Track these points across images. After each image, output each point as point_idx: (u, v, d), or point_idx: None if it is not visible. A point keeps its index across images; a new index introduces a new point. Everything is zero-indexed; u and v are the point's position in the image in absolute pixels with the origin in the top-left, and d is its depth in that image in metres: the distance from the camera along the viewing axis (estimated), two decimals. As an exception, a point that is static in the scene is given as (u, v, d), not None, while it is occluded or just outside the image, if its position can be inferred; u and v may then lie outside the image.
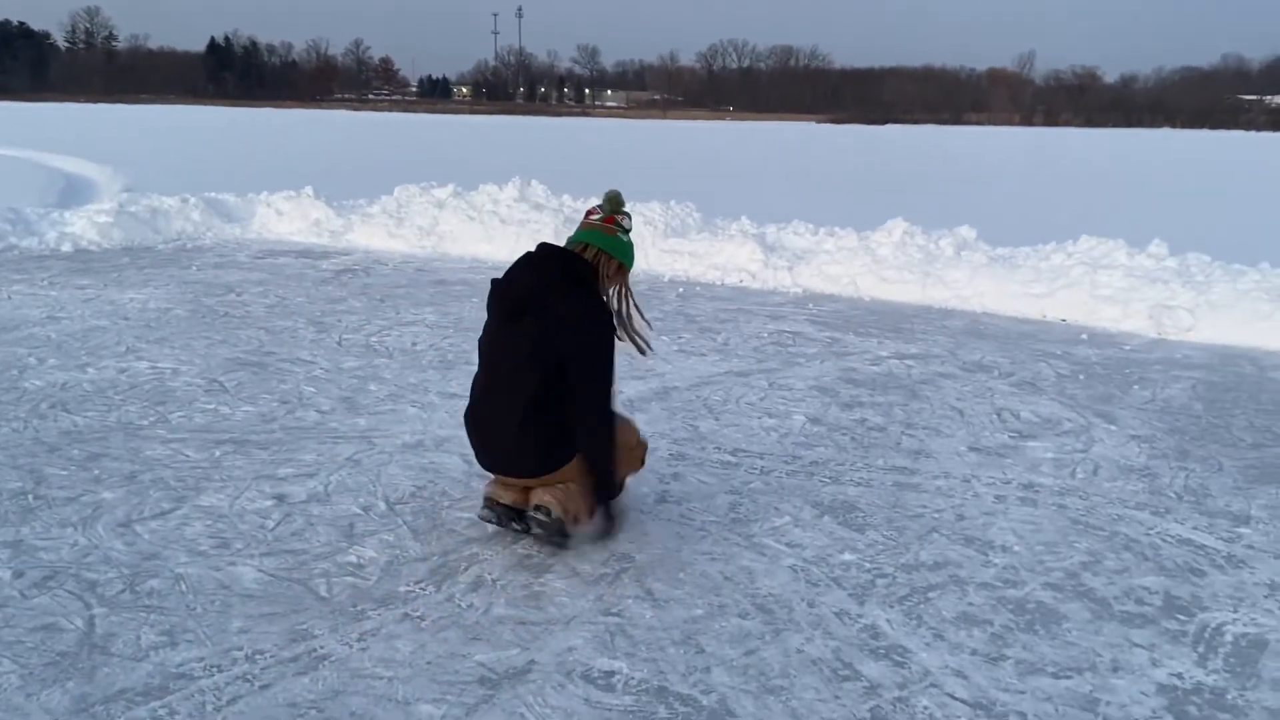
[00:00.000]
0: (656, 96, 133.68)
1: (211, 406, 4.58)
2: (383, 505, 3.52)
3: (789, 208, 11.35)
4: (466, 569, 3.06)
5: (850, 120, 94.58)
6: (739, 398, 4.99)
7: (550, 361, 3.00)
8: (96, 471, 3.73)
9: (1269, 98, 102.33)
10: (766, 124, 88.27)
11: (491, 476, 3.24)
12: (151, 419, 4.37)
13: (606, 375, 3.08)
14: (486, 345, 3.17)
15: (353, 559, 3.10)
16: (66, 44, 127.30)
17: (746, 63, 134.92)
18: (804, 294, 7.90)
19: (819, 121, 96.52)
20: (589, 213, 3.26)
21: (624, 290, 3.27)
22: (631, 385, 5.10)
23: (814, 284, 8.08)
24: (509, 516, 3.19)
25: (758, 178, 23.52)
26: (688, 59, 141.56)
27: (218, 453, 3.99)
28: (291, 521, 3.36)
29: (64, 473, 3.71)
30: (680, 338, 6.28)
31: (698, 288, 8.10)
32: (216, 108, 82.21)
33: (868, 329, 6.66)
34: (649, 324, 3.40)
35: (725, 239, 8.90)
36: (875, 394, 5.13)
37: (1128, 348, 6.27)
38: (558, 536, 3.15)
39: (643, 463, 3.46)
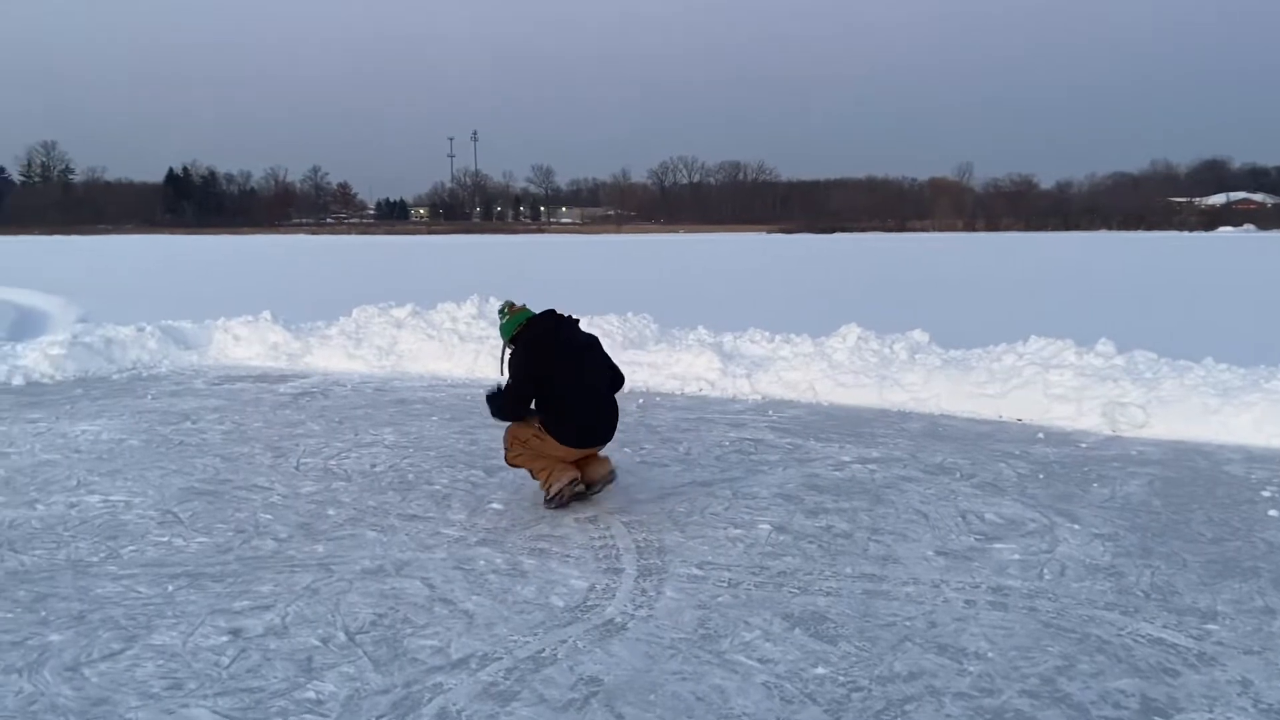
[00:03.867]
0: (610, 212, 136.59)
1: (165, 539, 4.46)
2: (342, 636, 3.42)
3: (744, 316, 11.54)
4: (430, 700, 2.96)
5: (798, 230, 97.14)
6: (703, 508, 4.96)
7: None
8: (43, 613, 3.59)
9: (1198, 200, 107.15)
10: (717, 235, 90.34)
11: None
12: (102, 555, 4.23)
13: None
14: (583, 369, 4.91)
15: (311, 695, 2.99)
16: (22, 178, 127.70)
17: (696, 178, 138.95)
18: (763, 401, 7.96)
19: (768, 232, 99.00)
20: (513, 307, 5.07)
21: None
22: (595, 499, 5.06)
23: (773, 390, 8.16)
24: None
25: (712, 288, 23.95)
26: (639, 176, 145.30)
27: (171, 587, 3.87)
28: (247, 658, 3.24)
29: (9, 615, 3.56)
30: (642, 449, 6.27)
31: (657, 398, 8.13)
32: (174, 236, 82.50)
33: (828, 434, 6.70)
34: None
35: (683, 349, 9.00)
36: (840, 500, 5.13)
37: (1084, 445, 6.37)
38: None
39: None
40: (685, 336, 9.53)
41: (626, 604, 3.72)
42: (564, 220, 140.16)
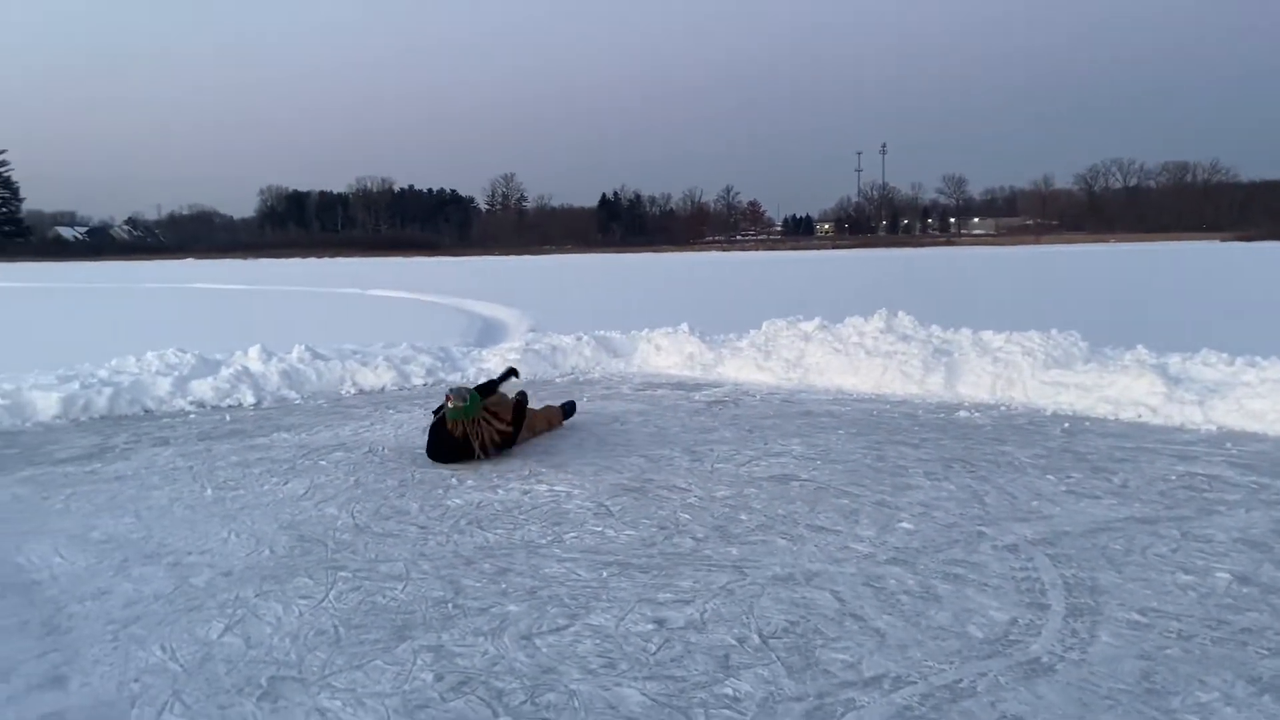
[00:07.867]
0: (1029, 221, 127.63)
1: (599, 529, 4.91)
2: (756, 638, 3.53)
3: (1194, 335, 10.20)
4: (843, 715, 2.95)
5: (1263, 237, 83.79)
6: (1145, 548, 4.44)
7: None
8: (504, 585, 4.12)
9: None
10: (1159, 244, 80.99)
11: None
12: (549, 539, 4.76)
13: None
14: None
15: (729, 691, 3.11)
16: (486, 206, 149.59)
17: (1133, 181, 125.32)
18: (1219, 432, 6.96)
19: (1223, 240, 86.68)
20: (460, 393, 6.33)
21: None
22: (1015, 527, 4.75)
23: (1231, 421, 7.10)
24: None
25: (1152, 303, 21.45)
26: (1064, 181, 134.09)
27: (604, 573, 4.24)
28: (671, 647, 3.46)
29: (478, 584, 4.13)
30: (1069, 477, 5.77)
31: (1086, 423, 7.44)
32: (605, 255, 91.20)
33: (1307, 475, 5.69)
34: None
35: (1118, 370, 8.15)
36: (1324, 553, 4.33)
37: None
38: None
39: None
40: (1121, 356, 8.62)
41: (1054, 644, 3.44)
42: (975, 231, 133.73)
